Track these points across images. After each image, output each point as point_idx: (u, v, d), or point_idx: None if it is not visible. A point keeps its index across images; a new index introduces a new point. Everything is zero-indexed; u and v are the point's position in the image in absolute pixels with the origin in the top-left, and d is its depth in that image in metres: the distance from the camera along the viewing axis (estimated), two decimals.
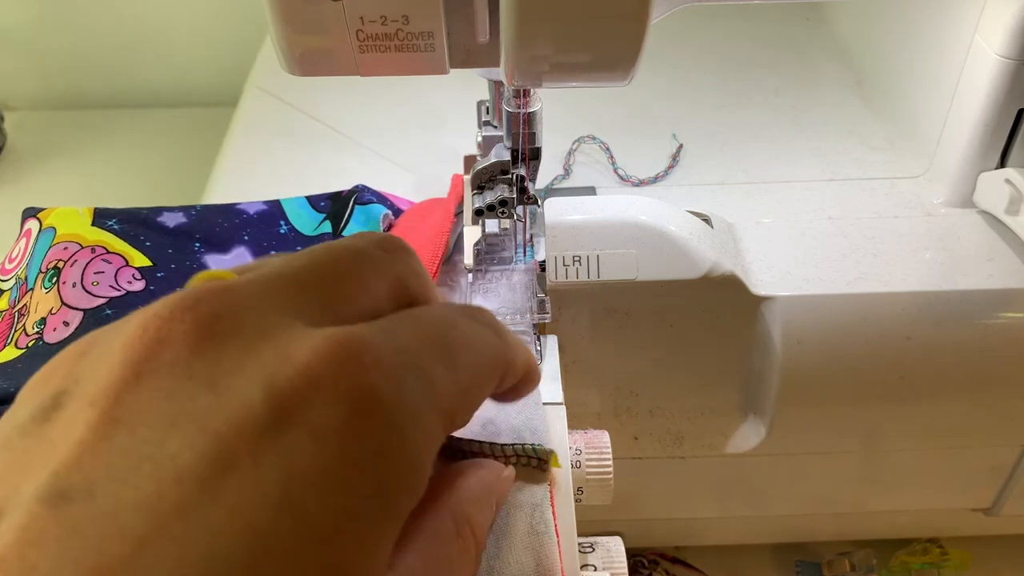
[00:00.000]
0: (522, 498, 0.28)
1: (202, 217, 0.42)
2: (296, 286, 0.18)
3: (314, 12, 0.28)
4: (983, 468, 0.47)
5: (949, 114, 0.47)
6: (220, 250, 0.40)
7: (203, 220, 0.42)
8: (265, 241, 0.41)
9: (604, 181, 0.52)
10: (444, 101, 0.59)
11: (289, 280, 0.18)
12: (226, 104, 0.65)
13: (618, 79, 0.29)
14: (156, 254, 0.39)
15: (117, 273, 0.38)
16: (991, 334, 0.42)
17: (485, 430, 0.32)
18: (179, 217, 0.42)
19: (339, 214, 0.42)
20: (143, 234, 0.40)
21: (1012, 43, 0.41)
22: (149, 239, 0.40)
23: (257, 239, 0.41)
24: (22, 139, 0.87)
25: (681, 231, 0.41)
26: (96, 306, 0.36)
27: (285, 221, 0.42)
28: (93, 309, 0.36)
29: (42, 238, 0.40)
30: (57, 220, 0.41)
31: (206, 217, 0.42)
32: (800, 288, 0.42)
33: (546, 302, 0.40)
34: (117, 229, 0.40)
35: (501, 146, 0.40)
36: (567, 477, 0.31)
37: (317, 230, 0.42)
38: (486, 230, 0.42)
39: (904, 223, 0.46)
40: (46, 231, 0.41)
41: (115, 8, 0.85)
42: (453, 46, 0.30)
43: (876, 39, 0.58)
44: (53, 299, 0.37)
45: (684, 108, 0.58)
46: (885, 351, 0.42)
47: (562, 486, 0.30)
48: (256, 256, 0.40)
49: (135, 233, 0.40)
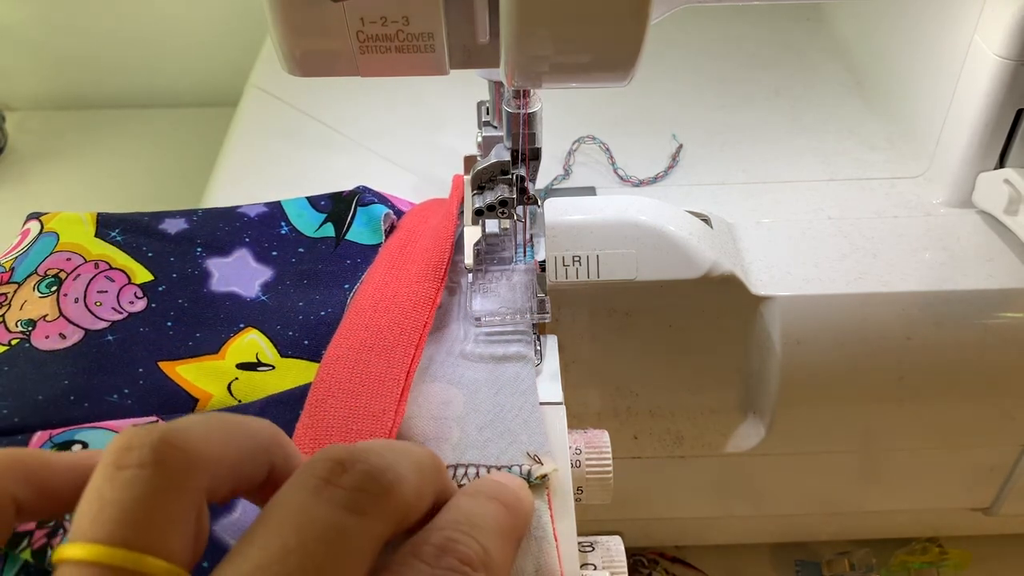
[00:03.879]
0: None
1: (203, 222, 0.42)
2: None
3: (314, 13, 0.28)
4: (982, 468, 0.47)
5: (948, 114, 0.47)
6: (221, 253, 0.40)
7: (204, 225, 0.42)
8: (266, 242, 0.41)
9: (604, 181, 0.52)
10: (444, 101, 0.59)
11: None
12: (226, 104, 0.65)
13: (618, 79, 0.29)
14: (158, 265, 0.39)
15: (120, 293, 0.38)
16: (990, 334, 0.42)
17: (482, 435, 0.32)
18: (181, 223, 0.42)
19: (341, 216, 0.42)
20: (145, 244, 0.40)
21: (1011, 44, 0.42)
22: (151, 249, 0.40)
23: (258, 240, 0.41)
24: (23, 139, 0.87)
25: (681, 231, 0.41)
26: (98, 329, 0.36)
27: (286, 222, 0.42)
28: (96, 332, 0.36)
29: (42, 240, 0.41)
30: (60, 226, 0.41)
31: (207, 222, 0.42)
32: (800, 288, 0.42)
33: (546, 302, 0.40)
34: (120, 241, 0.40)
35: (501, 146, 0.40)
36: (567, 477, 0.31)
37: (318, 231, 0.42)
38: (486, 230, 0.43)
39: (904, 223, 0.46)
40: (47, 235, 0.41)
41: (115, 8, 0.85)
42: (453, 46, 0.30)
43: (876, 39, 0.58)
44: (49, 307, 0.37)
45: (684, 108, 0.58)
46: (885, 351, 0.42)
47: (561, 486, 0.31)
48: (257, 258, 0.40)
49: (137, 244, 0.40)
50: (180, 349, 0.36)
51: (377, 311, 0.36)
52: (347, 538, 0.19)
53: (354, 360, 0.34)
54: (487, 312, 0.38)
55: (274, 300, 0.39)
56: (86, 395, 0.33)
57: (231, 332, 0.37)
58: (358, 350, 0.34)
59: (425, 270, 0.38)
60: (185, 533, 0.18)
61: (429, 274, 0.38)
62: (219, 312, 0.38)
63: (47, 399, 0.33)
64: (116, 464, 0.18)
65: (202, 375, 0.35)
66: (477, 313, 0.38)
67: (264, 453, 0.22)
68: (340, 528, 0.19)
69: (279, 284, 0.39)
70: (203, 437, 0.20)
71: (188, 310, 0.38)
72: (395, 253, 0.40)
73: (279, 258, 0.41)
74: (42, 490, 0.20)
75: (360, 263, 0.40)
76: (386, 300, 0.37)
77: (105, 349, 0.35)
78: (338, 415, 0.32)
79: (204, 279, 0.39)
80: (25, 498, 0.20)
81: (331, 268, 0.40)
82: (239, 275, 0.40)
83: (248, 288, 0.39)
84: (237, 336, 0.37)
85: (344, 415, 0.32)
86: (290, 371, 0.35)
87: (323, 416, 0.32)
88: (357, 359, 0.34)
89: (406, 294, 0.37)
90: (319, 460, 0.20)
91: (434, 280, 0.38)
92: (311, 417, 0.32)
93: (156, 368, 0.35)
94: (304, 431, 0.31)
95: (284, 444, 0.23)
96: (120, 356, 0.35)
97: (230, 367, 0.35)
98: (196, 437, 0.19)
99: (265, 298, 0.39)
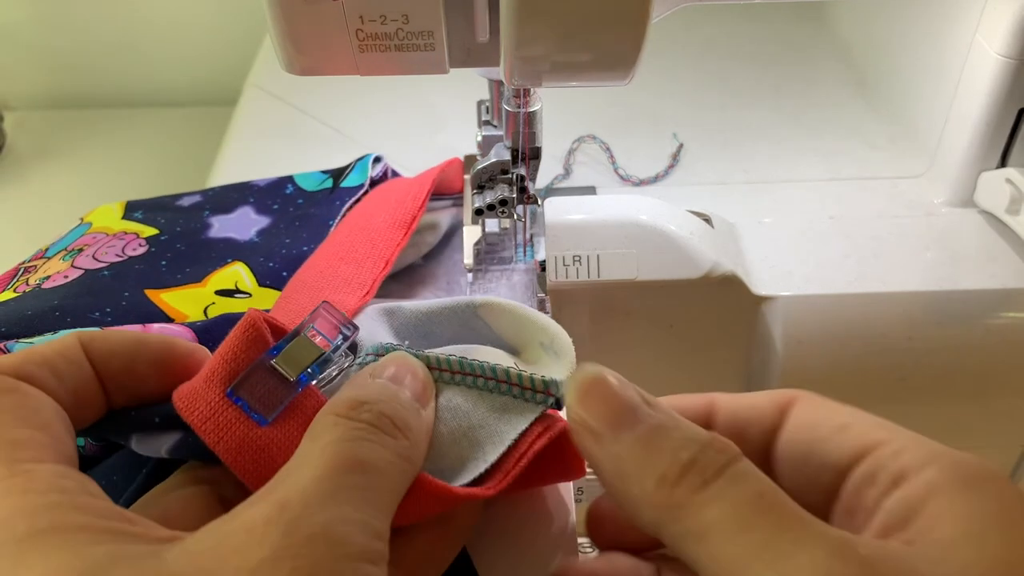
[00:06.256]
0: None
1: (216, 194, 0.44)
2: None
3: (314, 12, 0.28)
4: None
5: (950, 114, 0.47)
6: (225, 212, 0.42)
7: (216, 195, 0.44)
8: (270, 200, 0.43)
9: (604, 181, 0.52)
10: (444, 101, 0.59)
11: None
12: (226, 104, 0.65)
13: (618, 78, 0.29)
14: (166, 226, 0.41)
15: (125, 245, 0.39)
16: (992, 334, 0.42)
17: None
18: (196, 198, 0.44)
19: (342, 171, 0.44)
20: (161, 215, 0.42)
21: (1012, 43, 0.41)
22: (164, 217, 0.42)
23: (262, 199, 0.43)
24: (22, 139, 0.87)
25: (681, 231, 0.41)
26: (97, 268, 0.38)
27: (292, 184, 0.44)
28: (94, 270, 0.37)
29: (77, 229, 0.43)
30: (94, 216, 0.43)
31: (219, 193, 0.44)
32: (801, 288, 0.42)
33: (546, 302, 0.40)
34: (140, 218, 0.42)
35: (501, 146, 0.40)
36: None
37: (320, 186, 0.43)
38: (486, 230, 0.42)
39: (905, 223, 0.46)
40: (83, 226, 0.43)
41: (115, 8, 0.85)
42: (453, 45, 0.30)
43: (877, 38, 0.58)
44: (65, 266, 0.39)
45: (684, 108, 0.58)
46: (886, 351, 0.42)
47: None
48: (258, 211, 0.42)
49: (154, 216, 0.42)
50: (168, 280, 0.37)
51: (352, 233, 0.37)
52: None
53: (323, 267, 0.35)
54: None
55: (265, 240, 0.40)
56: (71, 312, 0.34)
57: (219, 266, 0.38)
58: (328, 260, 0.35)
59: (403, 199, 0.39)
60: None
61: (407, 203, 0.39)
62: (212, 252, 0.39)
63: (35, 314, 0.34)
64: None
65: (182, 300, 0.36)
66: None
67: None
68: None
69: (273, 228, 0.41)
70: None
71: (184, 252, 0.39)
72: (378, 192, 0.41)
73: (279, 210, 0.42)
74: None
75: (348, 200, 0.41)
76: (360, 226, 0.38)
77: (99, 280, 0.37)
78: (301, 307, 0.32)
79: (205, 230, 0.40)
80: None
81: (322, 211, 0.41)
82: (238, 224, 0.41)
83: (244, 234, 0.40)
84: (223, 268, 0.38)
85: (307, 306, 0.32)
86: (265, 298, 0.36)
87: (287, 307, 0.33)
88: (326, 267, 0.35)
89: (382, 218, 0.38)
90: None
91: (411, 204, 0.39)
92: (277, 309, 0.33)
93: (141, 294, 0.36)
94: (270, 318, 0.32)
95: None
96: (110, 285, 0.36)
97: (209, 293, 0.36)
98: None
99: (258, 240, 0.40)
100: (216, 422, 0.23)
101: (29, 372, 0.21)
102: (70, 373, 0.22)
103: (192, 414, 0.23)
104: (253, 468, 0.22)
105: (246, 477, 0.22)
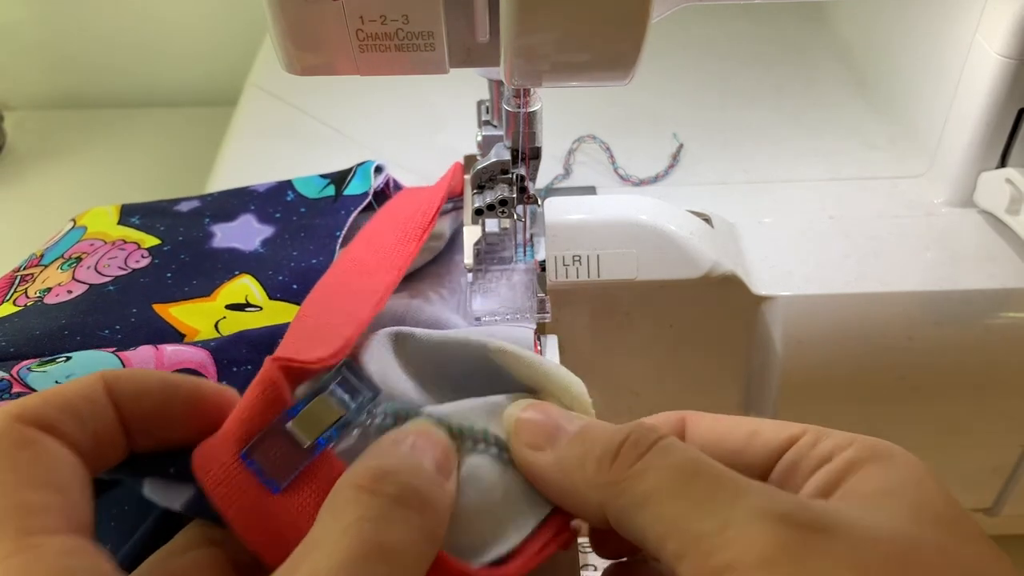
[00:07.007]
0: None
1: (215, 200, 0.43)
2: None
3: (314, 12, 0.28)
4: (984, 468, 0.47)
5: (950, 114, 0.47)
6: (227, 220, 0.41)
7: (215, 201, 0.43)
8: (271, 207, 0.42)
9: (604, 181, 0.52)
10: (444, 101, 0.59)
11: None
12: (226, 104, 0.65)
13: (618, 78, 0.29)
14: (167, 234, 0.41)
15: (128, 257, 0.39)
16: (992, 334, 0.42)
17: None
18: (194, 203, 0.43)
19: (343, 177, 0.44)
20: (160, 222, 0.42)
21: (1012, 43, 0.41)
22: (164, 224, 0.42)
23: (263, 207, 0.43)
24: (22, 139, 0.87)
25: (681, 231, 0.41)
26: (102, 283, 0.37)
27: (292, 190, 0.44)
28: (98, 285, 0.37)
29: (72, 233, 0.42)
30: (88, 220, 0.43)
31: (218, 199, 0.43)
32: (801, 288, 0.42)
33: (546, 302, 0.40)
34: (138, 224, 0.42)
35: (501, 146, 0.40)
36: None
37: (321, 193, 0.43)
38: (486, 230, 0.42)
39: (905, 223, 0.46)
40: (77, 228, 0.42)
41: (115, 8, 0.85)
42: (453, 45, 0.30)
43: (877, 38, 0.58)
44: (66, 278, 0.38)
45: (684, 108, 0.58)
46: (886, 351, 0.42)
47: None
48: (261, 220, 0.42)
49: (152, 223, 0.42)
50: (175, 294, 0.36)
51: (367, 247, 0.37)
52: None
53: (335, 284, 0.35)
54: (487, 312, 0.37)
55: (270, 251, 0.39)
56: (80, 331, 0.33)
57: (226, 278, 0.37)
58: (340, 276, 0.35)
59: (414, 213, 0.39)
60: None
61: (417, 217, 0.38)
62: (217, 263, 0.38)
63: (44, 334, 0.33)
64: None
65: (192, 314, 0.35)
66: (477, 313, 0.37)
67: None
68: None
69: (278, 239, 0.40)
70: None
71: (189, 263, 0.38)
72: (389, 207, 0.41)
73: (282, 219, 0.42)
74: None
75: (353, 210, 0.41)
76: (374, 240, 0.37)
77: (105, 297, 0.36)
78: (313, 322, 0.32)
79: (208, 239, 0.40)
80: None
81: (327, 221, 0.41)
82: (242, 233, 0.41)
83: (248, 244, 0.40)
84: (231, 281, 0.37)
85: (318, 322, 0.31)
86: (276, 312, 0.36)
87: (302, 326, 0.32)
88: (338, 282, 0.35)
89: (394, 236, 0.37)
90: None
91: (423, 216, 0.38)
92: (294, 335, 0.32)
93: (150, 309, 0.35)
94: (286, 343, 0.31)
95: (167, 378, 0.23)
96: (117, 300, 0.36)
97: (219, 307, 0.36)
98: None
99: (263, 250, 0.39)
100: (228, 487, 0.22)
101: (50, 420, 0.20)
102: (93, 417, 0.21)
103: (206, 476, 0.22)
104: (263, 538, 0.22)
105: (256, 547, 0.22)
